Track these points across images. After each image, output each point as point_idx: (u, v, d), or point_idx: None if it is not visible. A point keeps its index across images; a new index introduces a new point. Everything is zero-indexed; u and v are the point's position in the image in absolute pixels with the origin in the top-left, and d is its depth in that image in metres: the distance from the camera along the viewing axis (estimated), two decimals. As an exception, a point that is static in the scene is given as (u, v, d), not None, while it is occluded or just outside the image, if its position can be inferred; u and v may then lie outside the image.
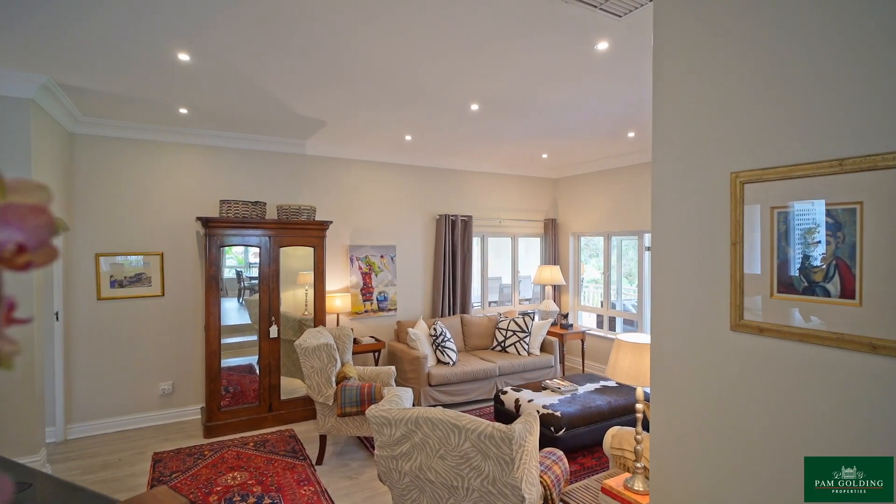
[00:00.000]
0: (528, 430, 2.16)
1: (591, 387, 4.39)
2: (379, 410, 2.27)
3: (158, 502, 0.88)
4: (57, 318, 3.97)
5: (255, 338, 4.66)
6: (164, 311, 4.51)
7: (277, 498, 3.20)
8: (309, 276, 4.89)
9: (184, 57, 2.89)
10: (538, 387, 4.40)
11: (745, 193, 1.34)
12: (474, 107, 3.90)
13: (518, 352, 5.44)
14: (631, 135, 4.80)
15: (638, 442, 2.30)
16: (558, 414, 3.74)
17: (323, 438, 3.77)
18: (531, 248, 7.09)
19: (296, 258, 4.86)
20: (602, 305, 6.47)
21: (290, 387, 4.78)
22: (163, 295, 4.49)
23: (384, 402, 2.43)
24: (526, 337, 5.47)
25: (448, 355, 4.98)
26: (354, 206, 5.45)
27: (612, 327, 6.38)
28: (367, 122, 4.34)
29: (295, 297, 5.05)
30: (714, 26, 1.46)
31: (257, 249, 4.51)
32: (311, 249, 4.73)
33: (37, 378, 3.37)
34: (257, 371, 5.10)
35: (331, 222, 4.82)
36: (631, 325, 6.36)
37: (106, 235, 4.26)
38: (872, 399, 1.11)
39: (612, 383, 4.51)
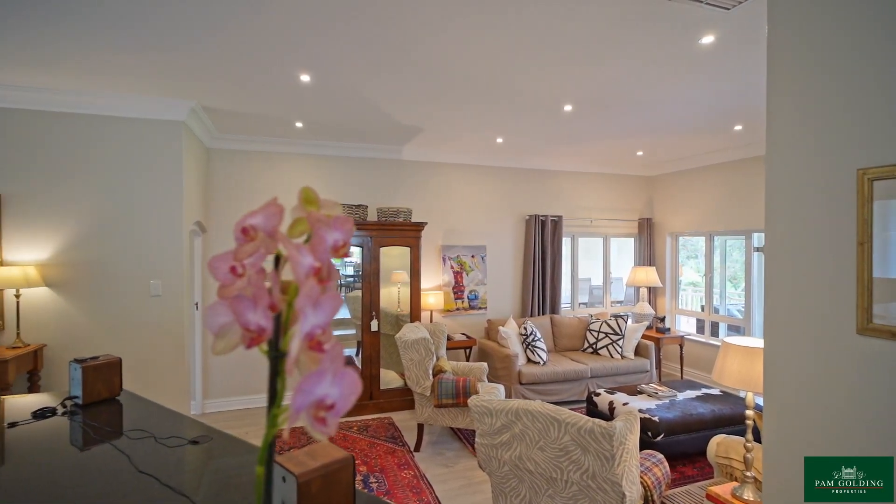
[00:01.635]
0: (628, 429, 2.17)
1: (691, 394, 4.20)
2: (480, 400, 2.41)
3: (327, 453, 1.08)
4: (197, 307, 4.62)
5: (352, 331, 5.04)
6: (281, 304, 5.04)
7: (381, 478, 3.47)
8: (402, 275, 5.19)
9: (305, 78, 3.25)
10: (633, 390, 4.29)
11: (874, 191, 1.28)
12: (568, 107, 3.91)
13: (611, 354, 5.33)
14: (738, 128, 4.51)
15: (748, 450, 2.21)
16: (656, 419, 3.64)
17: (420, 427, 4.01)
18: (624, 249, 6.87)
19: (390, 257, 5.18)
20: (703, 309, 6.10)
21: (386, 378, 5.10)
22: (279, 289, 5.02)
23: (484, 394, 2.57)
24: (619, 340, 5.34)
25: (538, 355, 5.02)
26: (447, 208, 5.67)
27: (715, 333, 6.00)
28: (462, 126, 4.53)
29: (389, 295, 5.38)
30: (836, 15, 1.40)
31: (357, 249, 4.88)
32: (407, 249, 5.02)
33: (186, 358, 3.96)
34: (356, 362, 5.51)
35: (425, 223, 5.07)
36: (736, 331, 5.93)
37: (232, 236, 4.85)
38: None
39: (715, 391, 4.27)
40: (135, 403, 1.97)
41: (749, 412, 2.24)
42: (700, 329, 6.12)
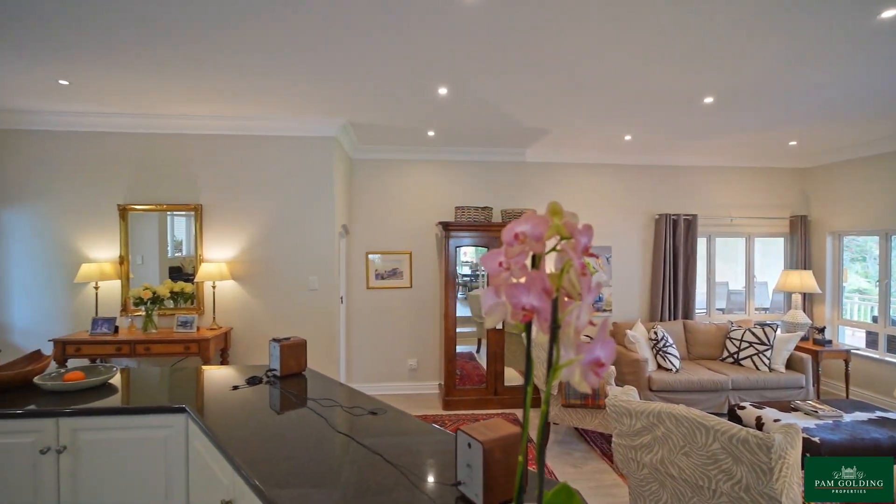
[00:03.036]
0: (789, 443, 2.03)
1: (861, 416, 3.69)
2: (618, 401, 2.42)
3: (503, 427, 1.23)
4: (342, 301, 5.20)
5: (473, 329, 5.26)
6: (412, 300, 5.45)
7: (510, 470, 3.60)
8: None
9: (443, 91, 3.52)
10: (786, 407, 3.89)
11: None
12: (708, 99, 3.69)
13: (756, 366, 4.86)
14: (927, 109, 3.84)
15: (945, 481, 1.93)
16: (816, 440, 3.28)
17: (547, 425, 4.07)
18: (771, 250, 6.18)
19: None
20: (875, 321, 5.26)
21: (508, 375, 5.23)
22: (411, 287, 5.43)
23: (622, 394, 2.57)
24: (766, 350, 4.85)
25: (671, 361, 4.77)
26: (571, 208, 5.55)
27: (893, 349, 5.14)
28: (589, 125, 4.49)
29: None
30: None
31: (472, 249, 5.10)
32: (531, 250, 5.09)
33: (334, 346, 4.50)
34: (477, 358, 5.73)
35: (549, 224, 5.10)
36: (923, 348, 5.02)
37: (373, 237, 5.37)
38: None
39: (893, 415, 3.70)
40: (316, 378, 2.34)
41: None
42: (872, 343, 5.29)
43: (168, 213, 4.38)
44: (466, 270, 6.26)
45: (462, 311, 5.91)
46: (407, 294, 5.44)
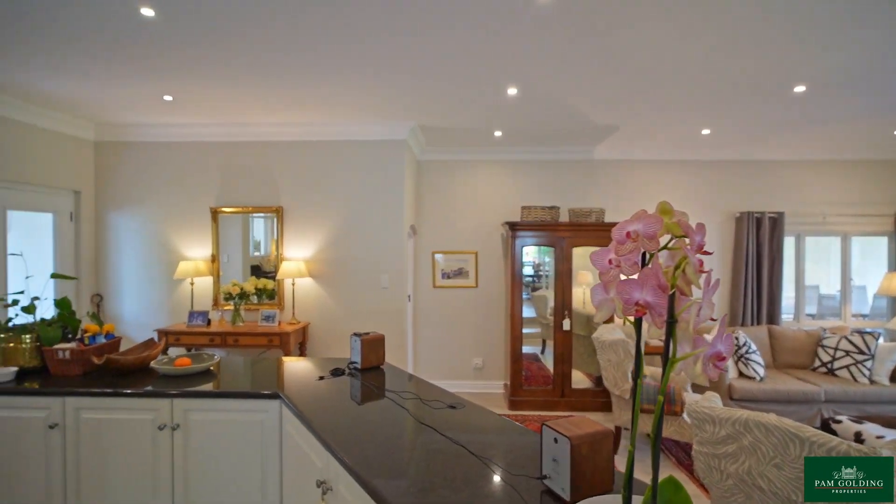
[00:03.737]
0: (899, 460, 1.86)
1: None
2: (701, 407, 2.33)
3: (589, 425, 1.25)
4: (409, 299, 5.34)
5: (537, 329, 5.22)
6: (477, 299, 5.50)
7: (580, 473, 3.55)
8: (587, 275, 5.16)
9: (512, 91, 3.54)
10: (892, 422, 3.53)
11: None
12: (799, 88, 3.44)
13: (853, 377, 4.45)
14: None
15: None
16: (930, 460, 2.95)
17: (617, 430, 3.97)
18: (871, 251, 5.63)
19: (575, 257, 5.19)
20: None
21: (574, 378, 5.14)
22: (476, 286, 5.49)
23: (703, 400, 2.47)
24: (867, 360, 4.42)
25: (754, 369, 4.48)
26: (643, 207, 5.42)
27: None
28: (663, 120, 4.32)
29: (575, 295, 5.40)
30: None
31: (533, 249, 5.05)
32: (599, 250, 4.98)
33: (403, 343, 4.65)
34: (542, 359, 5.67)
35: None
36: None
37: (439, 237, 5.48)
38: None
39: None
40: (394, 372, 2.45)
41: None
42: None
43: (251, 214, 4.72)
44: (529, 271, 6.22)
45: (526, 311, 5.88)
46: (472, 293, 5.50)
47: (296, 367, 2.62)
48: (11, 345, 2.37)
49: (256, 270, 4.77)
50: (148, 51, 2.90)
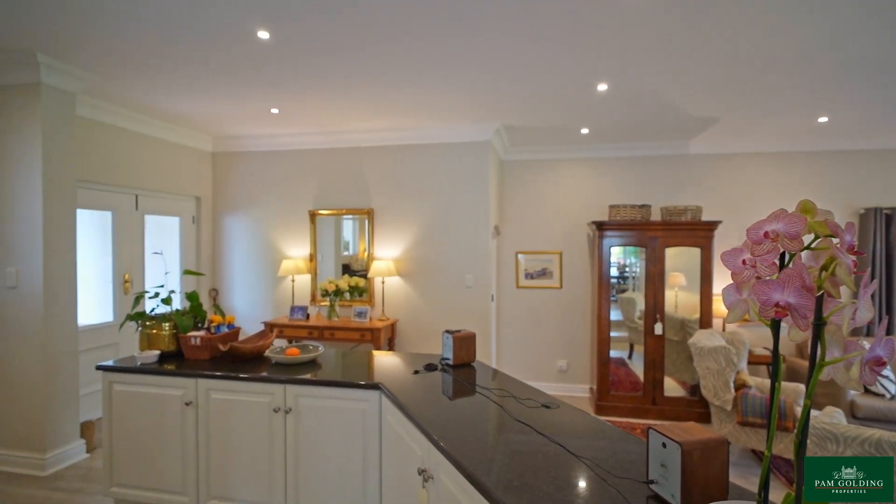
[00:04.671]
0: None
1: None
2: (821, 423, 2.12)
3: (701, 431, 1.20)
4: (492, 299, 5.38)
5: (624, 333, 5.00)
6: (561, 300, 5.40)
7: (676, 485, 3.37)
8: (678, 277, 4.86)
9: (602, 87, 3.44)
10: None
11: None
12: (945, 66, 3.00)
13: None
14: None
15: None
16: None
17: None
18: None
19: (668, 258, 4.90)
20: None
21: (667, 385, 4.86)
22: (560, 287, 5.39)
23: (824, 416, 2.25)
24: None
25: (882, 385, 3.97)
26: (744, 204, 5.03)
27: None
28: (770, 110, 3.97)
29: (667, 298, 5.10)
30: None
31: (619, 250, 4.84)
32: (693, 250, 4.68)
33: (487, 342, 4.69)
34: (629, 364, 5.43)
35: (719, 222, 4.63)
36: None
37: (522, 237, 5.46)
38: None
39: None
40: (485, 369, 2.50)
41: None
42: None
43: (344, 216, 5.02)
44: (615, 272, 5.97)
45: (612, 314, 5.67)
46: (556, 294, 5.42)
47: (388, 361, 2.76)
48: (154, 331, 2.74)
49: (347, 269, 5.07)
50: (260, 69, 3.21)
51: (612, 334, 5.28)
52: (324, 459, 2.34)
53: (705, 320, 4.62)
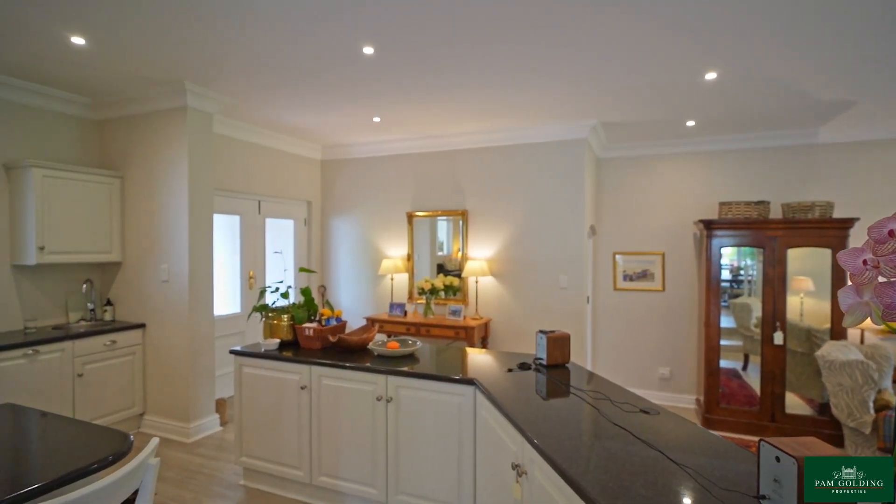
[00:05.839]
0: None
1: None
2: None
3: (820, 446, 1.11)
4: (588, 301, 5.23)
5: (737, 342, 4.56)
6: (664, 304, 5.09)
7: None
8: (805, 282, 4.33)
9: (710, 75, 3.21)
10: None
11: None
12: None
13: None
14: None
15: None
16: None
17: None
18: None
19: (790, 260, 4.39)
20: None
21: (789, 402, 4.36)
22: (663, 290, 5.09)
23: None
24: None
25: None
26: (886, 199, 4.36)
27: None
28: (926, 90, 3.41)
29: (789, 304, 4.56)
30: None
31: (731, 250, 4.42)
32: (823, 251, 4.16)
33: (582, 345, 4.57)
34: (743, 376, 4.94)
35: (855, 220, 4.06)
36: None
37: (620, 237, 5.24)
38: None
39: None
40: (579, 371, 2.47)
41: None
42: None
43: (438, 218, 5.20)
44: (726, 275, 5.47)
45: (724, 321, 5.21)
46: (658, 298, 5.12)
47: (482, 358, 2.83)
48: (275, 322, 3.09)
49: (441, 269, 5.24)
50: (365, 82, 3.46)
51: (723, 342, 4.86)
52: (421, 446, 2.48)
53: (837, 330, 4.08)
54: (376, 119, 4.40)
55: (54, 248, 3.55)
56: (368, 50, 2.90)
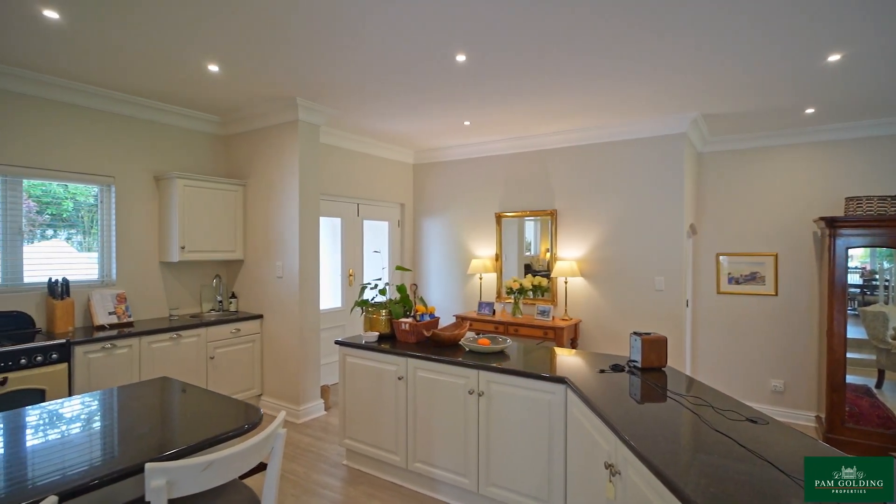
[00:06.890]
0: None
1: None
2: None
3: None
4: (687, 304, 4.92)
5: (870, 355, 4.01)
6: (777, 310, 4.65)
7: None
8: None
9: (834, 57, 2.91)
10: None
11: None
12: None
13: None
14: None
15: None
16: None
17: None
18: None
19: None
20: None
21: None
22: (776, 294, 4.65)
23: None
24: None
25: None
26: None
27: None
28: None
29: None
30: None
31: (862, 251, 3.89)
32: None
33: (680, 351, 4.33)
34: (878, 395, 4.36)
35: None
36: None
37: (725, 237, 4.87)
38: None
39: None
40: (677, 376, 2.38)
41: None
42: None
43: (526, 218, 5.21)
44: (855, 279, 4.84)
45: (852, 331, 4.63)
46: (770, 303, 4.69)
47: (571, 358, 2.82)
48: (374, 316, 3.33)
49: (528, 269, 5.24)
50: (455, 88, 3.60)
51: (851, 355, 4.34)
52: (511, 441, 2.55)
53: None
54: (466, 123, 4.53)
55: (192, 248, 4.13)
56: (461, 57, 3.02)
